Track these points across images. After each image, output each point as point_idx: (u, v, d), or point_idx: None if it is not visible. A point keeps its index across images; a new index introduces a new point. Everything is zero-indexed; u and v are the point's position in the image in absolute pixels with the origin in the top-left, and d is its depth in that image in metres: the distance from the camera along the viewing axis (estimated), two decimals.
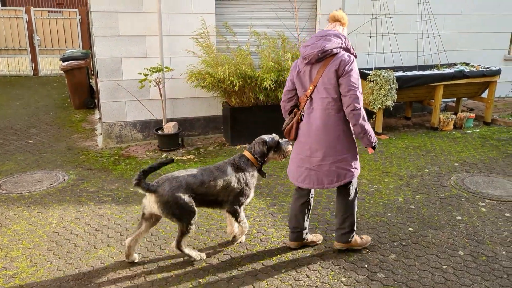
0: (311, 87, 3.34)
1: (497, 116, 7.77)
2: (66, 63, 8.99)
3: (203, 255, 3.61)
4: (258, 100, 6.51)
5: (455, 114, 7.57)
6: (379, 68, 7.22)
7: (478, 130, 7.23)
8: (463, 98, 8.08)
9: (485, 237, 3.95)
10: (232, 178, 3.53)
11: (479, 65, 7.59)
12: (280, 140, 3.75)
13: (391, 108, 6.84)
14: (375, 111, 6.83)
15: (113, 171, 5.74)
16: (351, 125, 3.35)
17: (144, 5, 6.37)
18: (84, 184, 5.32)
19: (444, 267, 3.49)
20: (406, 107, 8.06)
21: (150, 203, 3.38)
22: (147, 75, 6.08)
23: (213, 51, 6.48)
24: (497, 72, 7.27)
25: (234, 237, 3.86)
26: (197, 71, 6.37)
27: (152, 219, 3.53)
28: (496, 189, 4.93)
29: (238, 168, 3.58)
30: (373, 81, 6.73)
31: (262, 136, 3.74)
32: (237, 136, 6.58)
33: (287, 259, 3.62)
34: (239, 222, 3.71)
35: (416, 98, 7.41)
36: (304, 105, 3.42)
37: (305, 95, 3.40)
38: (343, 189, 3.54)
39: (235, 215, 3.65)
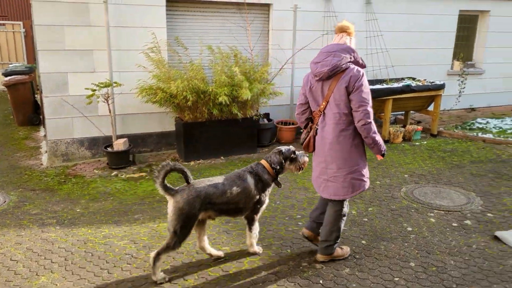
0: (323, 103, 3.46)
1: (442, 128, 8.08)
2: (9, 78, 8.57)
3: (166, 278, 3.49)
4: (212, 115, 6.44)
5: (404, 126, 7.81)
6: None
7: (425, 142, 7.48)
8: (411, 111, 8.36)
9: (434, 247, 4.04)
10: (252, 186, 3.59)
11: (425, 80, 7.89)
12: (297, 152, 3.82)
13: None
14: None
15: (58, 191, 5.45)
16: (363, 137, 3.45)
17: (91, 18, 6.17)
18: (26, 206, 5.01)
19: (396, 279, 3.52)
20: None
21: (168, 207, 3.38)
22: (94, 90, 5.87)
23: (165, 65, 6.36)
24: (442, 86, 7.59)
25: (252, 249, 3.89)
26: (148, 86, 6.22)
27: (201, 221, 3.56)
28: (443, 200, 5.08)
29: (256, 175, 3.65)
30: None
31: (278, 147, 3.83)
32: (191, 152, 6.46)
33: (242, 278, 3.53)
34: (252, 230, 3.78)
35: None
36: (318, 119, 3.54)
37: (318, 110, 3.52)
38: (339, 203, 3.63)
39: (252, 222, 3.74)
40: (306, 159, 3.83)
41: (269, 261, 3.78)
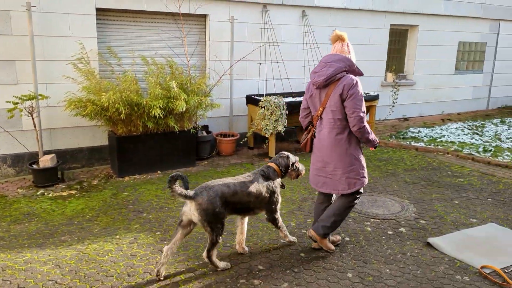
0: (320, 109, 3.78)
1: (378, 137, 8.32)
2: None
3: (229, 265, 3.82)
4: (148, 128, 6.20)
5: None
6: (270, 94, 7.35)
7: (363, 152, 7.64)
8: None
9: (371, 256, 4.06)
10: (263, 188, 3.84)
11: None
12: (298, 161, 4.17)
13: (283, 133, 6.96)
14: (268, 136, 6.90)
15: None
16: (358, 138, 3.78)
17: (13, 27, 5.76)
18: None
19: None
20: (298, 131, 8.29)
21: (190, 210, 3.55)
22: (17, 103, 5.45)
23: (95, 77, 6.05)
24: (376, 97, 7.83)
25: (243, 248, 4.09)
26: (77, 99, 5.88)
27: (188, 227, 3.67)
28: (379, 208, 5.17)
29: (267, 178, 3.91)
30: (264, 107, 6.80)
31: (283, 152, 4.16)
32: (126, 167, 6.16)
33: None
34: (279, 228, 4.10)
35: None
36: (316, 123, 3.88)
37: (316, 115, 3.86)
38: (349, 195, 3.93)
39: (275, 222, 4.04)
40: (303, 169, 4.18)
41: (205, 279, 3.62)
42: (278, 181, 3.98)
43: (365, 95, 7.81)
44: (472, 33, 10.77)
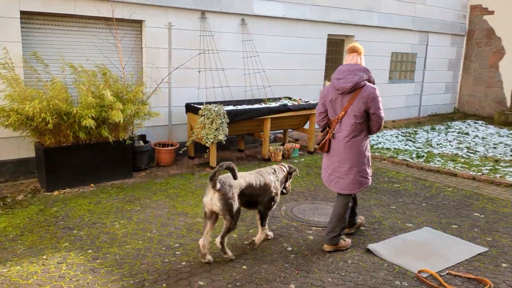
0: (342, 113, 4.12)
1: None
2: None
3: (233, 256, 4.08)
4: (79, 139, 5.83)
5: (283, 145, 7.97)
6: (210, 103, 7.21)
7: (303, 160, 7.70)
8: (289, 130, 8.59)
9: (313, 265, 4.02)
10: (272, 183, 4.28)
11: (301, 99, 8.19)
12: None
13: (224, 142, 6.83)
14: (208, 145, 6.74)
15: None
16: (375, 129, 4.20)
17: None
18: None
19: None
20: (239, 140, 8.20)
21: (213, 200, 3.88)
22: None
23: (20, 84, 5.61)
24: (315, 105, 7.92)
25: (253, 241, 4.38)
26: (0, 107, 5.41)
27: (213, 217, 4.02)
28: (320, 216, 5.17)
29: (276, 176, 4.35)
30: (204, 115, 6.64)
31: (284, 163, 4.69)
32: (55, 180, 5.74)
33: None
34: (264, 226, 4.39)
35: (247, 131, 7.58)
36: (335, 125, 4.17)
37: (336, 118, 4.17)
38: (347, 196, 4.27)
39: (265, 218, 4.36)
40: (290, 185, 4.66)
41: None
42: (283, 182, 4.47)
43: (305, 103, 7.89)
44: (403, 44, 11.28)
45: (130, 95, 6.17)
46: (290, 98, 8.42)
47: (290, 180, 4.61)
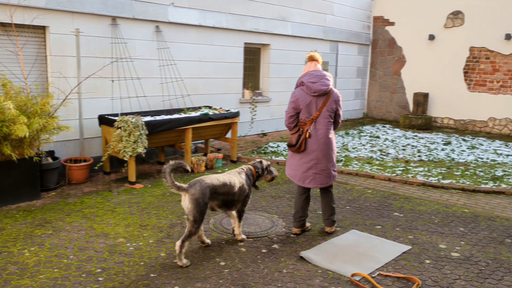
0: (317, 113, 4.55)
1: (241, 154, 8.35)
2: None
3: (189, 263, 4.12)
4: None
5: (206, 155, 7.77)
6: (126, 114, 6.80)
7: (227, 169, 7.56)
8: (211, 139, 8.42)
9: (249, 278, 3.88)
10: (245, 182, 4.52)
11: (221, 108, 8.06)
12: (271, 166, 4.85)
13: (143, 155, 6.47)
14: (127, 159, 6.32)
15: None
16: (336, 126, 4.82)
17: None
18: None
19: None
20: (159, 152, 7.85)
21: (185, 201, 4.08)
22: None
23: None
24: (237, 114, 7.85)
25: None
26: None
27: None
28: (250, 226, 5.06)
29: (247, 175, 4.61)
30: (121, 127, 6.23)
31: (257, 158, 5.19)
32: None
33: None
34: (240, 221, 4.65)
35: (167, 142, 7.27)
36: (310, 125, 4.55)
37: (311, 119, 4.57)
38: (329, 187, 4.83)
39: (241, 214, 4.62)
40: (276, 172, 4.88)
41: None
42: (253, 180, 4.68)
43: (226, 112, 7.78)
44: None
45: (35, 107, 5.59)
46: (210, 107, 8.25)
47: (271, 173, 4.81)
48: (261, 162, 4.79)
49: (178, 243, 4.06)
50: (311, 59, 4.70)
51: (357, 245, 4.64)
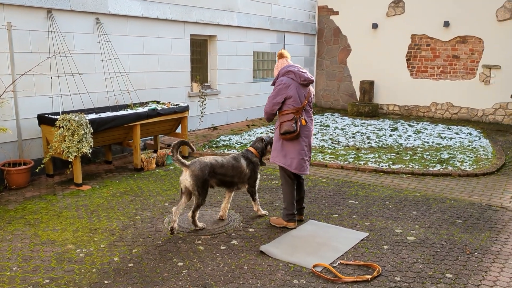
0: (305, 101, 4.67)
1: None
2: None
3: (204, 225, 4.77)
4: None
5: (156, 152, 7.50)
6: (68, 112, 6.40)
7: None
8: (160, 135, 8.14)
9: (209, 278, 3.75)
10: (244, 165, 4.81)
11: (170, 103, 7.79)
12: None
13: (89, 154, 6.12)
14: (71, 159, 5.95)
15: None
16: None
17: None
18: None
19: None
20: (106, 151, 7.48)
21: (185, 176, 4.55)
22: None
23: None
24: (186, 108, 7.63)
25: (225, 215, 5.05)
26: None
27: (187, 192, 4.63)
28: (207, 223, 4.91)
29: (247, 158, 4.86)
30: (63, 126, 5.85)
31: (259, 135, 5.14)
32: None
33: None
34: (254, 200, 5.08)
35: (114, 140, 6.92)
36: (301, 113, 4.64)
37: (302, 107, 4.63)
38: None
39: (253, 193, 5.02)
40: None
41: None
42: (256, 161, 4.91)
43: (175, 106, 7.53)
44: (263, 44, 11.61)
45: None
46: (158, 102, 7.96)
47: (269, 149, 4.96)
48: (262, 140, 5.00)
49: (189, 214, 4.67)
50: (282, 56, 4.84)
51: (316, 235, 4.63)
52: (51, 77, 6.71)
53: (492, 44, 11.38)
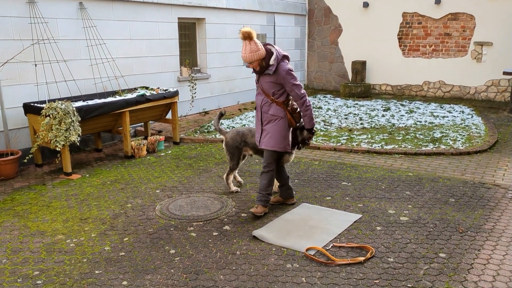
0: None
1: (183, 134, 8.05)
2: None
3: (238, 189, 5.33)
4: None
5: (146, 138, 7.40)
6: (54, 100, 6.26)
7: (170, 151, 7.25)
8: (150, 122, 8.03)
9: (201, 265, 3.71)
10: None
11: (159, 88, 7.66)
12: None
13: (78, 143, 6.01)
14: (59, 149, 5.84)
15: None
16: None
17: None
18: None
19: None
20: (95, 138, 7.36)
21: (223, 143, 5.19)
22: None
23: None
24: (176, 93, 7.50)
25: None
26: None
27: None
28: (199, 209, 4.86)
29: None
30: (49, 115, 5.72)
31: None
32: None
33: None
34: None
35: (103, 127, 6.81)
36: None
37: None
38: None
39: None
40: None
41: None
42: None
43: (165, 92, 7.40)
44: (253, 25, 11.40)
45: None
46: (147, 88, 7.82)
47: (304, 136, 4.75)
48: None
49: (224, 176, 5.29)
50: (253, 36, 4.30)
51: (308, 218, 4.59)
52: (36, 65, 6.55)
53: (483, 20, 11.28)
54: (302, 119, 4.60)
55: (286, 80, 4.37)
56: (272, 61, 4.33)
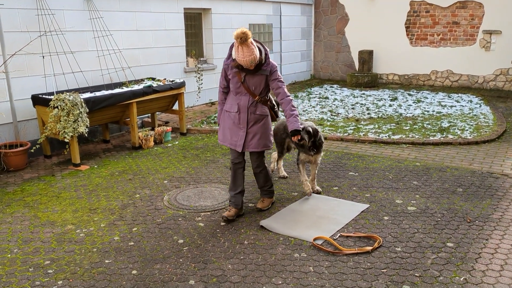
0: None
1: (190, 125, 8.07)
2: None
3: (286, 175, 5.65)
4: None
5: (153, 129, 7.43)
6: (62, 91, 6.30)
7: (177, 142, 7.28)
8: (157, 113, 8.06)
9: (210, 254, 3.75)
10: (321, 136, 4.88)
11: (165, 79, 7.67)
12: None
13: (86, 134, 6.05)
14: (68, 140, 5.89)
15: None
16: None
17: None
18: None
19: None
20: (103, 130, 7.41)
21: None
22: None
23: None
24: (182, 84, 7.51)
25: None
26: None
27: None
28: (207, 199, 4.89)
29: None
30: (57, 107, 5.76)
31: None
32: None
33: None
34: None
35: (111, 119, 6.85)
36: None
37: None
38: None
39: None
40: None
41: None
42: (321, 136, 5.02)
43: (171, 83, 7.41)
44: (259, 16, 11.37)
45: None
46: (154, 79, 7.84)
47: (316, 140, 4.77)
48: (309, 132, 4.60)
49: (274, 159, 5.61)
50: (249, 36, 3.95)
51: (316, 208, 4.61)
52: (43, 57, 6.58)
53: (492, 8, 11.13)
54: (287, 120, 4.22)
55: (275, 76, 4.15)
56: (264, 59, 4.08)
